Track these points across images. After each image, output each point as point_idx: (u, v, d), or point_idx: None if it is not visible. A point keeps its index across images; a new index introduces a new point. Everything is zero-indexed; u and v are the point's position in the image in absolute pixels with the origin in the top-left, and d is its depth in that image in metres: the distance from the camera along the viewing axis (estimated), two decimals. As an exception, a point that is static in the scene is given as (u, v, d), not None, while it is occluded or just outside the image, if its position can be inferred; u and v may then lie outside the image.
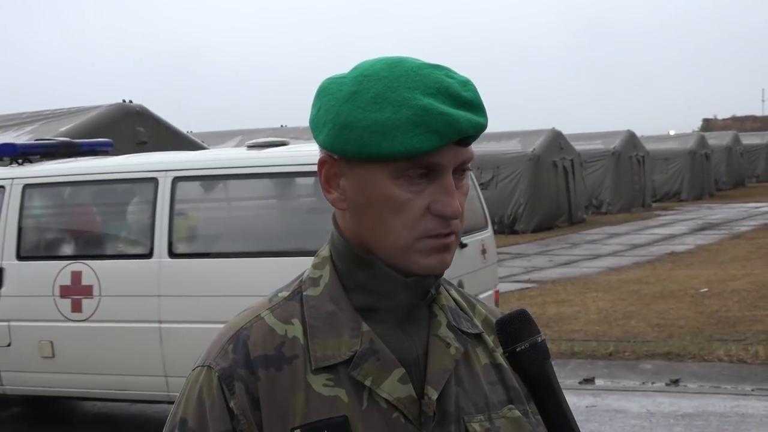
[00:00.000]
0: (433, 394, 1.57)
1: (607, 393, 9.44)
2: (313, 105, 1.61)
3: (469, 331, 1.67)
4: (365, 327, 1.58)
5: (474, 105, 1.55)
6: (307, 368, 1.56)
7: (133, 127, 16.64)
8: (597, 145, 35.68)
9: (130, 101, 17.04)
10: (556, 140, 30.67)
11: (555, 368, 1.58)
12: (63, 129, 16.08)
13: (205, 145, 18.65)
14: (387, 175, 1.53)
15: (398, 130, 1.49)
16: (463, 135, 1.53)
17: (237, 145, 23.51)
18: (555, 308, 14.06)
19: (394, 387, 1.55)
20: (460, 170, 1.58)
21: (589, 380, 9.98)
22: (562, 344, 11.25)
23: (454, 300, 1.72)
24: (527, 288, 16.81)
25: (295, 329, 1.59)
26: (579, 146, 33.18)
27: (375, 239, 1.57)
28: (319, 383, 1.55)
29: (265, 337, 1.58)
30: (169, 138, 17.15)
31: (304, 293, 1.63)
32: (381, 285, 1.59)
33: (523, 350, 1.54)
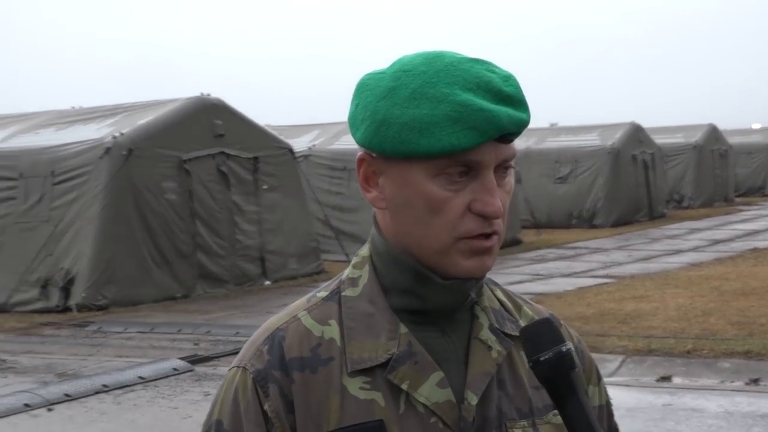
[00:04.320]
0: (473, 399, 1.52)
1: (685, 391, 9.24)
2: (352, 101, 1.56)
3: (513, 333, 1.60)
4: (403, 329, 1.53)
5: (516, 100, 1.49)
6: (343, 371, 1.51)
7: (210, 120, 16.78)
8: (678, 139, 35.22)
9: (209, 94, 17.17)
10: (636, 134, 30.32)
11: (631, 366, 1.50)
12: (142, 122, 16.27)
13: (281, 138, 18.74)
14: (425, 174, 1.48)
15: (436, 126, 1.45)
16: (504, 131, 1.47)
17: (314, 140, 23.56)
18: (633, 304, 13.84)
19: (431, 391, 1.50)
20: (502, 168, 1.51)
21: (666, 378, 9.79)
22: (639, 341, 11.05)
23: (499, 301, 1.66)
24: (605, 283, 16.59)
25: (332, 330, 1.55)
26: (659, 140, 32.74)
27: (414, 239, 1.52)
28: (356, 386, 1.50)
29: (301, 339, 1.54)
30: (246, 130, 17.25)
31: (343, 294, 1.58)
32: (419, 287, 1.53)
33: (546, 360, 1.46)
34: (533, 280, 17.64)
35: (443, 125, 1.44)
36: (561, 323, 1.71)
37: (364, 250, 1.62)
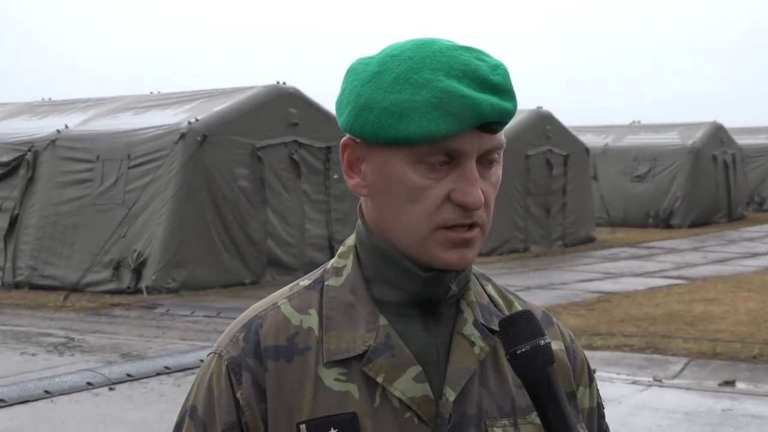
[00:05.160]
0: (451, 395, 1.49)
1: (747, 397, 9.07)
2: (341, 86, 1.55)
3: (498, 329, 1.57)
4: (383, 321, 1.51)
5: (502, 89, 1.46)
6: (319, 361, 1.50)
7: (285, 109, 16.86)
8: (761, 140, 34.61)
9: (284, 83, 17.25)
10: (717, 134, 29.83)
11: (694, 369, 1.47)
12: (217, 108, 16.42)
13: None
14: (405, 160, 1.46)
15: (416, 112, 1.42)
16: (485, 120, 1.44)
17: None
18: (702, 306, 13.64)
19: (407, 385, 1.48)
20: (486, 159, 1.49)
21: (730, 383, 9.61)
22: (704, 344, 10.88)
23: (489, 296, 1.63)
24: (676, 284, 16.37)
25: (311, 320, 1.53)
26: (741, 140, 32.19)
27: (393, 228, 1.50)
28: (330, 377, 1.49)
29: (278, 327, 1.53)
30: (320, 120, 17.30)
31: (326, 283, 1.57)
32: (400, 278, 1.51)
33: (523, 353, 1.43)
34: (603, 278, 17.47)
35: (423, 111, 1.42)
36: (553, 321, 1.69)
37: (350, 240, 1.60)
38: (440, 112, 1.42)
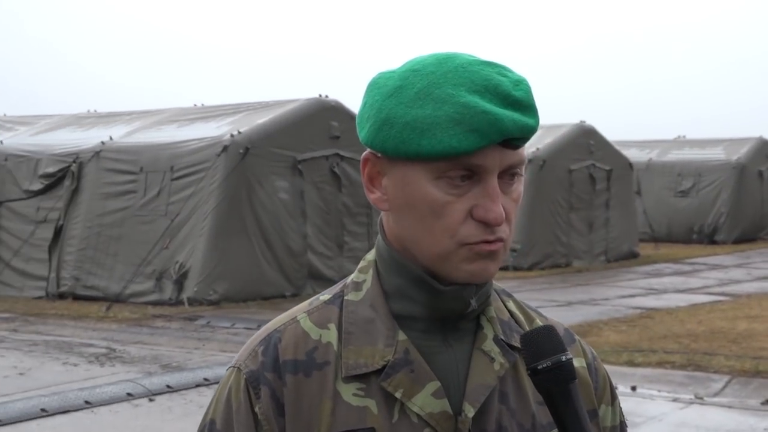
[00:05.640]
0: (470, 411, 1.48)
1: (790, 416, 8.96)
2: (362, 100, 1.55)
3: (519, 345, 1.56)
4: (401, 336, 1.51)
5: (524, 105, 1.46)
6: (337, 376, 1.49)
7: (327, 122, 16.91)
8: (809, 156, 34.14)
9: (326, 96, 17.30)
10: (763, 149, 29.56)
11: (736, 387, 1.46)
12: (261, 121, 16.50)
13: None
14: (427, 176, 1.45)
15: (437, 128, 1.42)
16: (507, 136, 1.43)
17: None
18: (746, 323, 13.49)
19: (426, 401, 1.47)
20: (508, 174, 1.48)
21: (772, 401, 9.51)
22: (747, 362, 10.76)
23: (510, 312, 1.62)
24: (719, 301, 16.22)
25: (330, 334, 1.53)
26: (788, 156, 31.80)
27: (415, 243, 1.50)
28: (349, 392, 1.48)
29: (297, 341, 1.53)
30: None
31: (346, 297, 1.56)
32: (419, 293, 1.51)
33: (544, 368, 1.43)
34: (646, 294, 17.35)
35: (444, 126, 1.42)
36: (575, 338, 1.67)
37: (371, 255, 1.60)
38: (461, 128, 1.42)
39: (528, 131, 1.45)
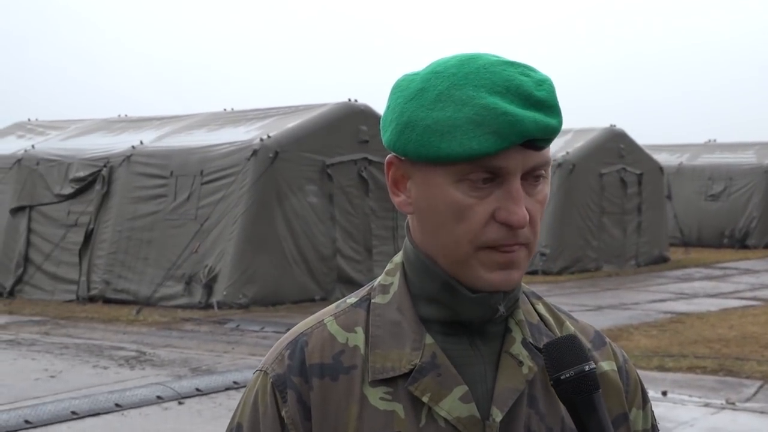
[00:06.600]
0: (498, 416, 1.47)
1: (823, 422, 8.88)
2: (386, 103, 1.54)
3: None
4: (429, 340, 1.49)
5: (547, 105, 1.43)
6: (364, 380, 1.48)
7: (356, 126, 16.91)
8: (841, 159, 33.86)
9: (356, 100, 17.31)
10: (796, 152, 29.29)
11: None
12: (290, 125, 16.53)
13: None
14: (448, 178, 1.44)
15: (458, 130, 1.41)
16: (529, 137, 1.41)
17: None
18: (778, 329, 13.39)
19: (453, 405, 1.46)
20: (532, 176, 1.46)
21: (805, 407, 9.42)
22: (779, 368, 10.68)
23: (540, 315, 1.60)
24: (751, 306, 16.10)
25: (357, 338, 1.52)
26: (821, 160, 31.55)
27: (436, 246, 1.49)
28: (376, 396, 1.47)
29: (324, 345, 1.52)
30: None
31: (373, 300, 1.55)
32: (447, 297, 1.49)
33: (568, 378, 1.41)
34: (677, 298, 17.24)
35: (465, 129, 1.40)
36: (606, 341, 1.65)
37: (398, 257, 1.58)
38: (482, 130, 1.40)
39: (550, 132, 1.43)
